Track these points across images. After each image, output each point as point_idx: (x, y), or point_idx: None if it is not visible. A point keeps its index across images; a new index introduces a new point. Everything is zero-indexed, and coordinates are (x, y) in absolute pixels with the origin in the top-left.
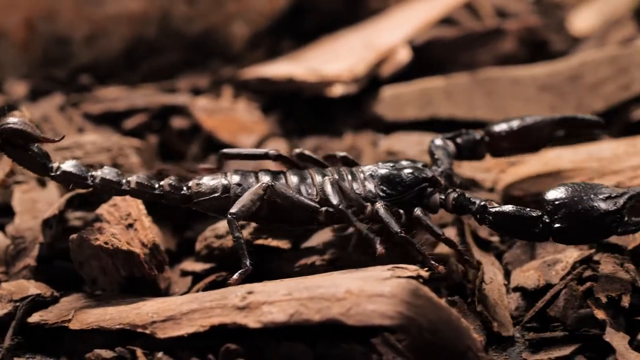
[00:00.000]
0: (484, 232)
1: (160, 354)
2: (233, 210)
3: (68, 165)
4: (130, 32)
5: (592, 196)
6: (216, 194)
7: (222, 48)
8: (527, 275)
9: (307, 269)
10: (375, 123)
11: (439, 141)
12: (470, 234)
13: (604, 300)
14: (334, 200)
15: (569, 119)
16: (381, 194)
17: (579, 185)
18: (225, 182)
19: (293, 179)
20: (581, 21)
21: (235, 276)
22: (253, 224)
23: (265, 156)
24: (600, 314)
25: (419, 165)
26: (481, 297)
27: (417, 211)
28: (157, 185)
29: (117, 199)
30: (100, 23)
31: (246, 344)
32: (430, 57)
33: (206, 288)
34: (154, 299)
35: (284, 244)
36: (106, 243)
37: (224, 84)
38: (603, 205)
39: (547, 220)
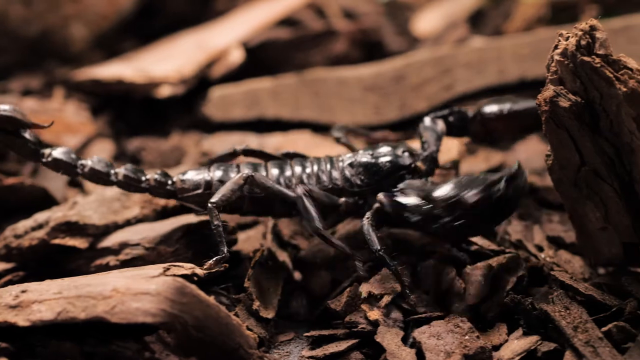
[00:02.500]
0: (284, 234)
1: None
2: (213, 199)
3: (59, 153)
4: None
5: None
6: (199, 190)
7: (61, 49)
8: (320, 274)
9: (102, 269)
10: (204, 123)
11: (428, 121)
12: (272, 234)
13: (379, 300)
14: (313, 223)
15: None
16: (359, 182)
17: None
18: (208, 178)
19: (273, 171)
20: (425, 23)
21: (210, 261)
22: None
23: (234, 154)
24: (373, 314)
25: (399, 151)
26: (255, 276)
27: (365, 221)
28: (143, 179)
29: None
30: None
31: (19, 342)
32: (264, 58)
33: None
34: None
35: (80, 243)
36: None
37: (56, 86)
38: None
39: None
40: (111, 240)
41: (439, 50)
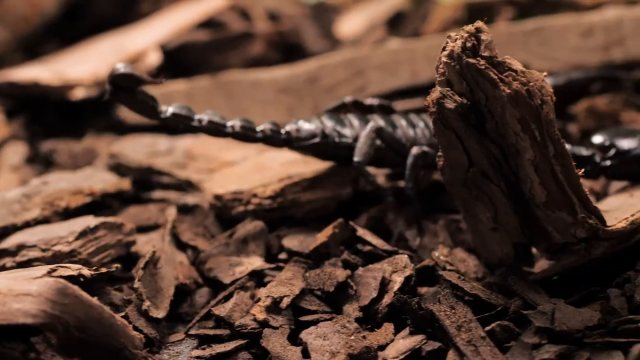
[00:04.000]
0: (184, 236)
1: None
2: (357, 158)
3: (176, 108)
4: None
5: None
6: (316, 139)
7: None
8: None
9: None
10: (119, 126)
11: None
12: (170, 236)
13: (268, 302)
14: (412, 185)
15: (603, 73)
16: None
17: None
18: (322, 127)
19: (402, 122)
20: (348, 25)
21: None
22: None
23: (343, 106)
24: (261, 315)
25: None
26: (144, 276)
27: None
28: (258, 129)
29: None
30: None
31: None
32: (182, 60)
33: None
34: None
35: None
36: None
37: None
38: None
39: (597, 160)
40: (9, 242)
41: (353, 52)
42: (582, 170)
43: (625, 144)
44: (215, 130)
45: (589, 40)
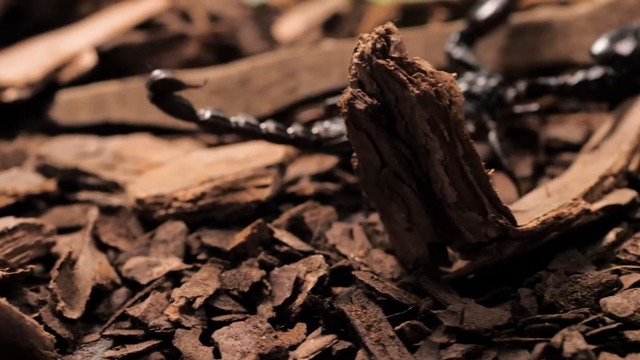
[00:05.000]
0: (105, 237)
1: None
2: None
3: (213, 111)
4: None
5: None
6: (344, 138)
7: None
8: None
9: None
10: (51, 127)
11: (458, 52)
12: (91, 236)
13: (182, 302)
14: None
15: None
16: (472, 110)
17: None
18: None
19: None
20: (288, 26)
21: None
22: None
23: None
24: (174, 315)
25: (482, 74)
26: (60, 277)
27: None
28: (290, 131)
29: None
30: None
31: None
32: (118, 62)
33: None
34: None
35: None
36: None
37: None
38: None
39: (612, 74)
40: None
41: (285, 54)
42: (491, 170)
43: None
44: (251, 131)
45: (518, 41)
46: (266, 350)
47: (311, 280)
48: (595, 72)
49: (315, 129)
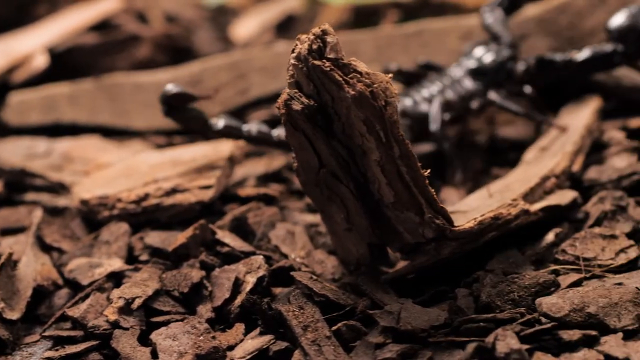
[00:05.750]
0: (49, 238)
1: None
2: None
3: (226, 120)
4: None
5: None
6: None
7: None
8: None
9: None
10: (1, 128)
11: (489, 17)
12: (34, 237)
13: (120, 303)
14: (433, 125)
15: None
16: (477, 87)
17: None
18: (400, 107)
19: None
20: (245, 28)
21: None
22: None
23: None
24: (112, 316)
25: (494, 47)
26: (0, 278)
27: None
28: None
29: None
30: None
31: None
32: (71, 63)
33: None
34: None
35: None
36: None
37: None
38: None
39: (620, 50)
40: None
41: (236, 55)
42: (428, 171)
43: None
44: (263, 139)
45: (468, 43)
46: (203, 351)
47: (250, 280)
48: (603, 48)
49: None
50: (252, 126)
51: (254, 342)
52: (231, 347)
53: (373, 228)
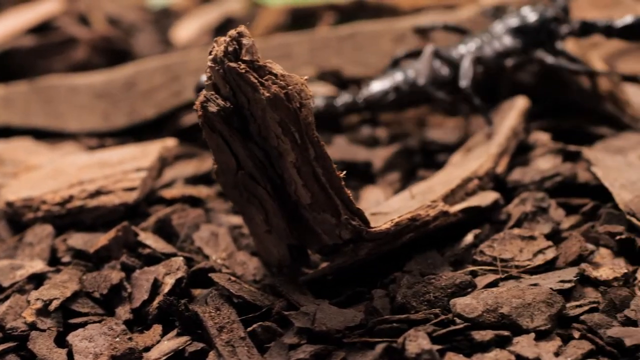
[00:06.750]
0: None
1: None
2: (464, 84)
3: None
4: None
5: None
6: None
7: None
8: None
9: None
10: None
11: None
12: None
13: (39, 305)
14: (463, 81)
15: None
16: (518, 46)
17: None
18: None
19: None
20: (185, 30)
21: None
22: None
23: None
24: (30, 318)
25: (540, 7)
26: None
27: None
28: (339, 104)
29: None
30: None
31: None
32: (7, 65)
33: None
34: None
35: None
36: None
37: None
38: None
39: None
40: None
41: (170, 58)
42: (343, 173)
43: None
44: (329, 111)
45: (400, 46)
46: (119, 352)
47: (169, 282)
48: None
49: (363, 94)
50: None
51: (170, 343)
52: (148, 349)
53: (291, 229)
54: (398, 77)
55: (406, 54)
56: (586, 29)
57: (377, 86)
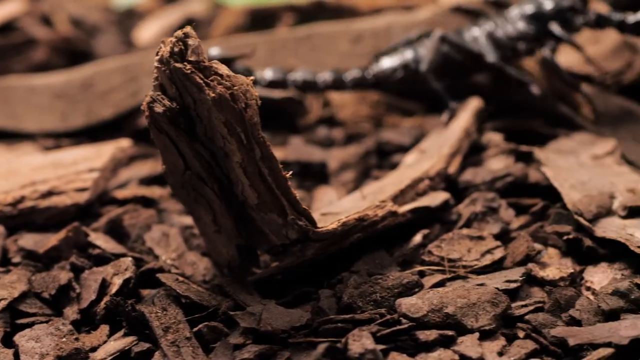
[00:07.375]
0: None
1: None
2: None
3: (269, 75)
4: None
5: None
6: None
7: None
8: None
9: None
10: None
11: None
12: None
13: None
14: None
15: None
16: (530, 32)
17: None
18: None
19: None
20: (148, 31)
21: (444, 116)
22: None
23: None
24: None
25: None
26: None
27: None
28: (347, 80)
29: None
30: None
31: None
32: None
33: None
34: None
35: None
36: None
37: None
38: None
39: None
40: None
41: (129, 58)
42: (289, 173)
43: None
44: (309, 86)
45: (358, 46)
46: (65, 352)
47: (117, 282)
48: None
49: (372, 70)
50: (298, 75)
51: (116, 343)
52: (94, 349)
53: (239, 230)
54: (408, 55)
55: (418, 37)
56: (601, 22)
57: (387, 62)
